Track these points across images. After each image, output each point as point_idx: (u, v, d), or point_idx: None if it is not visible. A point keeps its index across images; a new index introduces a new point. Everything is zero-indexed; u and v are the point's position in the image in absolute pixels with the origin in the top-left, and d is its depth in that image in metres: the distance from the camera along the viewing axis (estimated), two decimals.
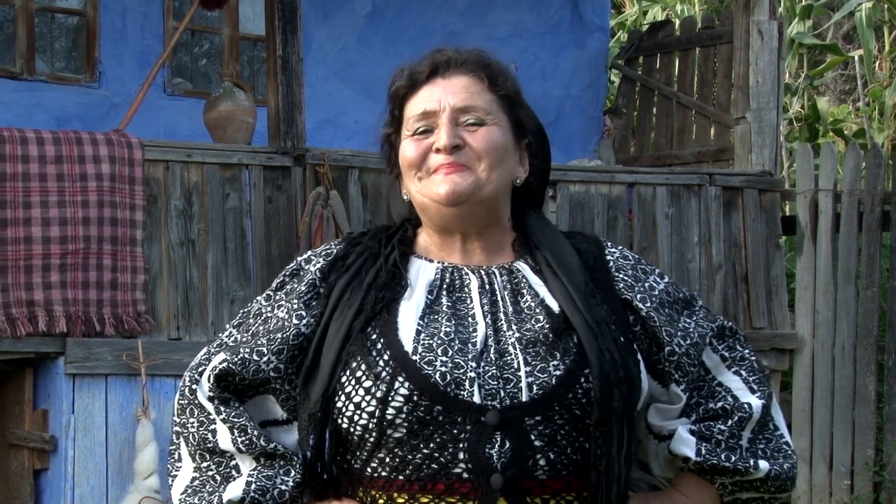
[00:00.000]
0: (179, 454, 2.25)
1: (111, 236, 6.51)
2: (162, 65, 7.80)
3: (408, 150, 2.25)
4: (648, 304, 2.26)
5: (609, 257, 2.31)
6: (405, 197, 2.29)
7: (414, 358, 2.10)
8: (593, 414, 2.09)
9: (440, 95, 2.24)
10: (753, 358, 2.34)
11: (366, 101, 9.05)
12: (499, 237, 2.29)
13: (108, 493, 6.45)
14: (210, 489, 2.19)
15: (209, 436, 2.20)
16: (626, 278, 2.28)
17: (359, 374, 2.11)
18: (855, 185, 8.29)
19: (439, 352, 2.11)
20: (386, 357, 2.11)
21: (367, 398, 2.09)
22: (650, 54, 10.17)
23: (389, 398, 2.08)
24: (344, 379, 2.12)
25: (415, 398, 2.08)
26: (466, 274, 2.24)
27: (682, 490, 2.27)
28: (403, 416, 2.08)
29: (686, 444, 2.23)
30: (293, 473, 2.17)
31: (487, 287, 2.22)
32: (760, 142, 8.28)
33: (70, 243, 6.40)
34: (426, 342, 2.12)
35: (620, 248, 2.34)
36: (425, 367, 2.09)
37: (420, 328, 2.14)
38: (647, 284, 2.29)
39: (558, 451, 2.09)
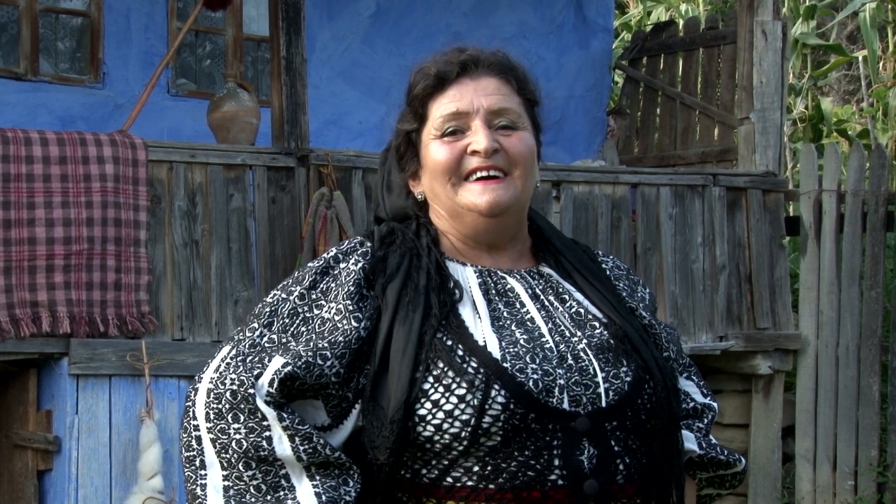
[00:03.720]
0: (203, 461, 2.12)
1: (115, 237, 6.51)
2: (166, 65, 7.80)
3: (439, 153, 2.20)
4: (648, 313, 2.30)
5: (604, 266, 2.34)
6: (419, 196, 2.27)
7: (505, 365, 2.07)
8: (655, 419, 2.13)
9: (472, 96, 2.20)
10: (692, 363, 2.43)
11: (370, 102, 9.05)
12: (521, 245, 2.29)
13: (112, 494, 6.45)
14: (254, 499, 2.08)
15: (263, 443, 2.07)
16: (625, 287, 2.32)
17: (447, 381, 2.06)
18: (859, 185, 8.29)
19: (528, 359, 2.09)
20: (474, 364, 2.07)
21: (462, 406, 2.05)
22: (654, 55, 10.17)
23: (486, 406, 2.04)
24: (427, 386, 2.07)
25: (511, 406, 2.05)
26: (503, 277, 2.23)
27: None
28: (500, 424, 2.05)
29: (688, 441, 2.28)
30: (352, 484, 2.09)
31: (531, 292, 2.22)
32: (764, 142, 8.28)
33: (74, 244, 6.41)
34: (511, 350, 2.10)
35: (611, 256, 2.37)
36: (518, 374, 2.06)
37: (497, 336, 2.12)
38: (640, 294, 2.34)
39: (631, 455, 2.11)
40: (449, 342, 2.09)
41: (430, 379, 2.07)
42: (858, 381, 8.13)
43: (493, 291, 2.19)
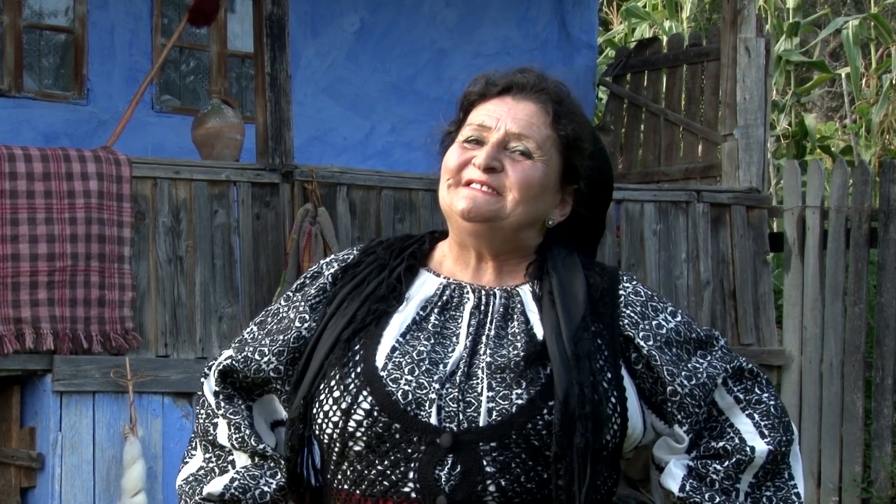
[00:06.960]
0: (196, 443, 2.32)
1: (99, 253, 6.50)
2: (150, 82, 7.80)
3: (451, 155, 2.26)
4: (651, 343, 2.21)
5: (621, 292, 2.26)
6: None
7: (381, 374, 2.12)
8: (552, 447, 2.08)
9: (502, 115, 2.24)
10: (773, 402, 2.26)
11: (354, 118, 9.06)
12: (514, 263, 2.28)
13: None
14: (209, 480, 2.26)
15: (211, 429, 2.28)
16: (632, 314, 2.24)
17: (332, 383, 2.15)
18: (842, 201, 8.31)
19: (406, 370, 2.13)
20: (358, 370, 2.14)
21: (334, 408, 2.13)
22: (638, 71, 10.18)
23: (352, 410, 2.11)
24: (322, 387, 2.16)
25: (375, 413, 2.10)
26: (467, 293, 2.24)
27: None
28: (363, 430, 2.10)
29: (672, 478, 2.21)
30: (279, 477, 2.22)
31: (482, 308, 2.22)
32: (748, 158, 8.30)
33: (58, 260, 6.39)
34: (397, 359, 2.14)
35: (636, 283, 2.29)
36: (390, 383, 2.11)
37: (397, 345, 2.16)
38: (654, 322, 2.24)
39: (511, 479, 2.09)
40: (357, 347, 2.17)
41: (324, 381, 2.16)
42: (842, 397, 8.13)
43: (443, 304, 2.23)
